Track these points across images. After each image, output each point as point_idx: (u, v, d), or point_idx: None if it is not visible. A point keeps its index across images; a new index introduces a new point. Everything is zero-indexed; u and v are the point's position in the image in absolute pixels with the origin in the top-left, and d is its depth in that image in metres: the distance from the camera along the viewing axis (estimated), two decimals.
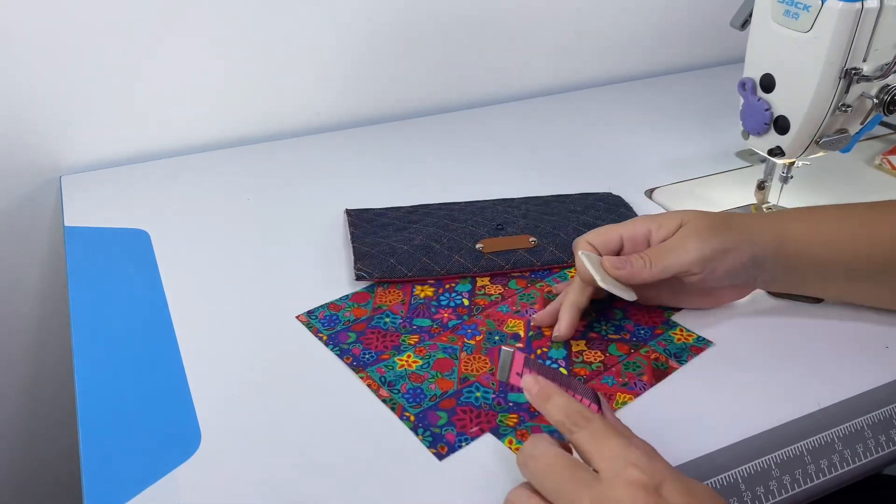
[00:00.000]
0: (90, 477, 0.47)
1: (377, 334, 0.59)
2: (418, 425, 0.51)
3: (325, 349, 0.57)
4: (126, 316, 0.61)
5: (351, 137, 0.90)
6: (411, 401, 0.53)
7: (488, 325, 0.60)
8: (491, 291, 0.63)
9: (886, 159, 0.82)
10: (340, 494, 0.46)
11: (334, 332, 0.59)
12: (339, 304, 0.62)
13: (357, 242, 0.67)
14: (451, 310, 0.61)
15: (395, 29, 0.90)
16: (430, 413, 0.52)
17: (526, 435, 0.50)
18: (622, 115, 0.97)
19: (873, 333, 0.59)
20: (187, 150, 0.87)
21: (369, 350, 0.57)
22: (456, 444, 0.50)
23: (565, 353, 0.57)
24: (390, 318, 0.61)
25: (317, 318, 0.60)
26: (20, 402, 0.96)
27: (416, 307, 0.62)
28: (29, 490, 1.02)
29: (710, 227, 0.55)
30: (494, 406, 0.52)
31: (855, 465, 0.51)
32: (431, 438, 0.50)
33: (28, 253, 0.86)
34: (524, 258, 0.65)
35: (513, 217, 0.70)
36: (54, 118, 0.80)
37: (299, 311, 0.61)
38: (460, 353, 0.57)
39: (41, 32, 0.75)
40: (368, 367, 0.56)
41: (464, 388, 0.54)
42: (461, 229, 0.68)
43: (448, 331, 0.59)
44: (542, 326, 0.59)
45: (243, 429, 0.50)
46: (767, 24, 0.63)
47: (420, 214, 0.72)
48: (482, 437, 0.50)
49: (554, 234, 0.67)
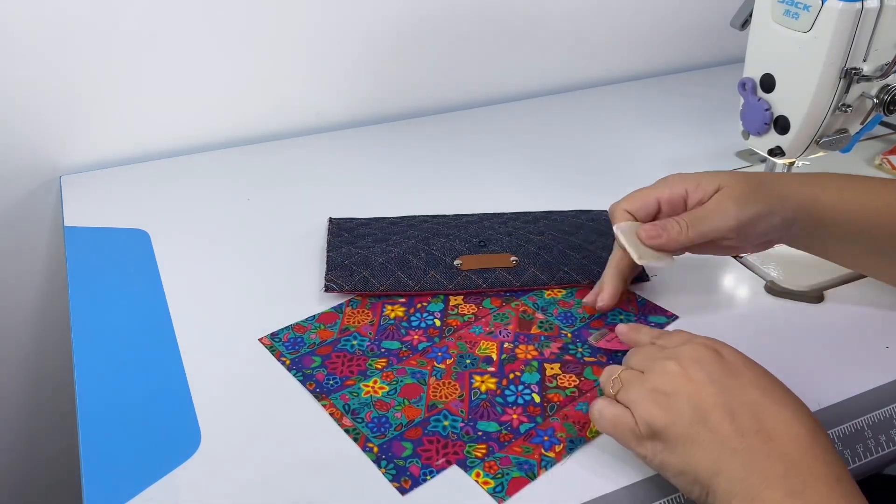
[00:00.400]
0: (90, 477, 0.47)
1: (343, 358, 0.56)
2: (381, 457, 0.48)
3: (289, 374, 0.55)
4: (126, 316, 0.61)
5: (351, 137, 0.90)
6: (375, 430, 0.50)
7: (460, 348, 0.57)
8: (464, 311, 0.61)
9: (886, 159, 0.82)
10: (341, 494, 0.46)
11: (298, 355, 0.56)
12: (305, 325, 0.59)
13: (332, 252, 0.65)
14: (422, 331, 0.59)
15: (395, 29, 0.90)
16: (394, 443, 0.49)
17: (494, 467, 0.47)
18: (622, 115, 0.97)
19: (873, 333, 0.59)
20: (187, 150, 0.87)
21: (334, 375, 0.55)
22: (420, 478, 0.47)
23: (539, 377, 0.54)
24: (358, 339, 0.58)
25: (280, 342, 0.58)
26: (20, 402, 0.96)
27: (386, 328, 0.59)
28: (29, 490, 1.02)
29: (748, 192, 0.54)
30: (463, 436, 0.50)
31: (855, 465, 0.51)
32: (395, 471, 0.47)
33: (28, 253, 0.86)
34: (503, 277, 0.63)
35: (497, 234, 0.68)
36: (54, 118, 0.80)
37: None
38: (429, 378, 0.54)
39: (41, 32, 0.75)
40: (332, 393, 0.53)
41: (431, 415, 0.51)
42: (442, 244, 0.66)
43: (418, 353, 0.57)
44: (589, 306, 0.59)
45: (243, 429, 0.50)
46: (767, 24, 0.63)
47: (403, 226, 0.70)
48: (448, 470, 0.48)
49: (537, 255, 0.65)
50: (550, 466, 0.48)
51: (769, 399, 0.42)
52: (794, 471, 0.39)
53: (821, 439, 0.41)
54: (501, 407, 0.52)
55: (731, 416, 0.41)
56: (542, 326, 0.59)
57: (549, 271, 0.64)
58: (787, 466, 0.40)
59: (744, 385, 0.43)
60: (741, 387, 0.42)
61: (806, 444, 0.40)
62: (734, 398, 0.42)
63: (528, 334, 0.59)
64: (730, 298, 0.63)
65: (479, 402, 0.53)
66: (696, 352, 0.45)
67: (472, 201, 0.76)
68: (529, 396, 0.53)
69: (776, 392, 0.42)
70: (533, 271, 0.64)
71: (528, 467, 0.48)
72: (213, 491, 0.46)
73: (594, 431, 0.50)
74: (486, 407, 0.52)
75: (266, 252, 0.69)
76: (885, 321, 0.60)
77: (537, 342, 0.58)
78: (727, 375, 0.43)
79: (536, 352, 0.57)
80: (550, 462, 0.48)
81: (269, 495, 0.46)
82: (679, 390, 0.43)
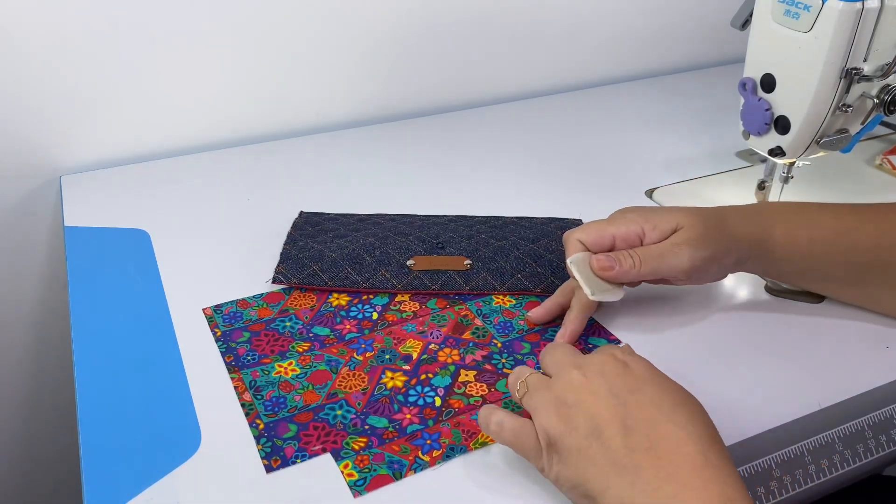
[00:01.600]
0: (90, 477, 0.47)
1: (270, 337, 0.58)
2: (263, 434, 0.49)
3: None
4: (126, 316, 0.61)
5: (351, 137, 0.90)
6: (269, 409, 0.51)
7: (385, 343, 0.57)
8: (405, 308, 0.61)
9: (887, 159, 0.82)
10: (341, 494, 0.46)
11: (231, 329, 0.58)
12: (250, 301, 0.62)
13: (289, 245, 0.66)
14: (357, 322, 0.59)
15: (395, 29, 0.90)
16: (281, 424, 0.50)
17: (365, 461, 0.48)
18: (622, 115, 0.97)
19: (873, 333, 0.59)
20: (187, 150, 0.87)
21: (254, 352, 0.56)
22: (291, 460, 0.48)
23: (450, 381, 0.54)
24: (292, 322, 0.59)
25: (221, 314, 0.60)
26: (20, 402, 0.96)
27: (323, 315, 0.60)
28: (29, 490, 1.02)
29: (704, 235, 0.55)
30: (349, 427, 0.50)
31: (855, 465, 0.51)
32: (270, 450, 0.48)
33: (28, 253, 0.86)
34: (453, 280, 0.63)
35: (457, 237, 0.67)
36: (54, 118, 0.80)
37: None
38: (342, 368, 0.55)
39: (42, 32, 0.75)
40: (244, 368, 0.55)
41: (328, 403, 0.52)
42: (399, 242, 0.66)
43: (342, 343, 0.57)
44: (537, 324, 0.59)
45: (243, 429, 0.50)
46: (768, 24, 0.63)
47: (369, 224, 0.70)
48: (321, 457, 0.48)
49: (492, 260, 0.64)
50: (420, 470, 0.48)
51: (665, 417, 0.41)
52: (682, 492, 0.38)
53: (714, 460, 0.40)
54: (399, 405, 0.52)
55: (626, 431, 0.41)
56: (476, 333, 0.59)
57: (501, 277, 0.63)
58: (675, 488, 0.39)
59: (642, 401, 0.42)
60: (639, 402, 0.42)
61: (697, 464, 0.39)
62: (630, 413, 0.41)
63: (458, 338, 0.58)
64: (730, 298, 0.63)
65: (379, 397, 0.53)
66: (603, 363, 0.44)
67: (472, 202, 0.76)
68: (431, 399, 0.53)
69: (675, 411, 0.41)
70: (485, 276, 0.63)
71: (398, 467, 0.48)
72: (213, 491, 0.46)
73: (479, 443, 0.49)
74: (384, 403, 0.52)
75: (266, 252, 0.69)
76: (885, 321, 0.59)
77: (464, 347, 0.57)
78: (628, 390, 0.42)
79: (459, 357, 0.57)
80: (423, 466, 0.48)
81: (269, 495, 0.46)
82: (579, 401, 0.42)
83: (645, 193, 0.78)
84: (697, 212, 0.57)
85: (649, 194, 0.78)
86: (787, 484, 0.50)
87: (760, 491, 0.49)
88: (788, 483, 0.50)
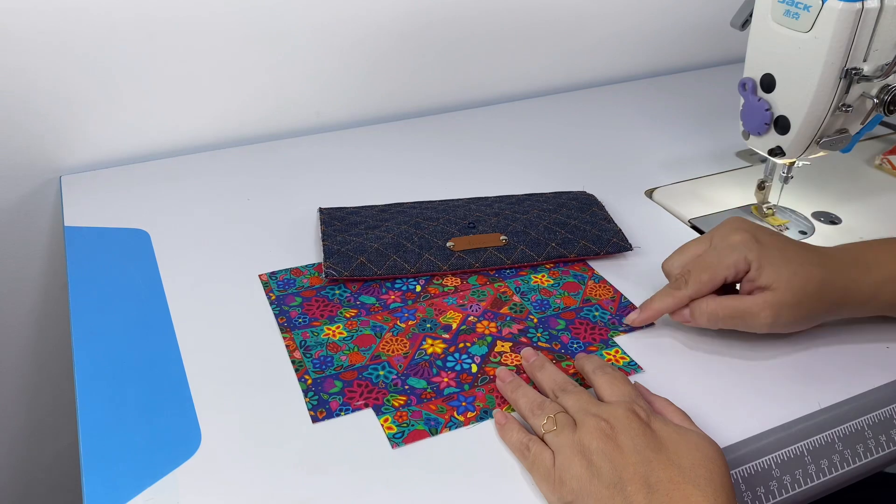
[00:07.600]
0: (90, 477, 0.47)
1: (320, 303, 0.61)
2: (311, 389, 0.53)
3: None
4: (126, 316, 0.61)
5: (351, 137, 0.90)
6: (318, 367, 0.55)
7: (426, 313, 0.60)
8: (447, 283, 0.64)
9: (887, 159, 0.82)
10: (341, 494, 0.46)
11: (284, 293, 0.62)
12: (303, 269, 0.65)
13: (327, 241, 0.67)
14: (401, 293, 0.63)
15: (395, 29, 0.90)
16: (328, 380, 0.54)
17: (404, 416, 0.51)
18: (622, 115, 0.97)
19: (873, 333, 0.59)
20: (187, 150, 0.87)
21: (305, 315, 0.60)
22: (336, 412, 0.51)
23: (486, 351, 0.57)
24: (340, 290, 0.63)
25: (276, 280, 0.64)
26: (20, 402, 0.96)
27: (370, 285, 0.63)
28: (29, 490, 1.02)
29: (792, 304, 0.54)
30: (390, 386, 0.53)
31: (855, 465, 0.51)
32: (316, 402, 0.52)
33: (28, 253, 0.86)
34: (494, 256, 0.65)
35: (484, 215, 0.70)
36: (54, 118, 0.80)
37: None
38: (386, 333, 0.58)
39: (42, 32, 0.75)
40: (296, 329, 0.58)
41: (371, 364, 0.55)
42: (432, 227, 0.68)
43: (386, 311, 0.61)
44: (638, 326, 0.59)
45: (243, 429, 0.50)
46: (767, 24, 0.63)
47: (393, 213, 0.72)
48: (363, 411, 0.51)
49: (524, 233, 0.67)
50: (455, 428, 0.50)
51: (685, 478, 0.42)
52: None
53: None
54: (438, 370, 0.55)
55: (648, 489, 0.42)
56: (514, 308, 0.61)
57: (538, 247, 0.66)
58: None
59: (664, 461, 0.43)
60: (661, 462, 0.43)
61: None
62: (653, 472, 0.43)
63: (496, 312, 0.61)
64: None
65: (420, 361, 0.56)
66: (628, 419, 0.46)
67: None
68: (468, 366, 0.55)
69: (695, 471, 0.43)
70: (522, 248, 0.66)
71: (435, 424, 0.51)
72: (213, 491, 0.46)
73: (511, 409, 0.52)
74: (424, 366, 0.55)
75: (266, 252, 0.69)
76: (884, 321, 0.59)
77: (501, 321, 0.60)
78: (651, 448, 0.44)
79: (496, 329, 0.59)
80: (457, 425, 0.51)
81: (269, 495, 0.46)
82: (605, 452, 0.44)
83: (645, 193, 0.78)
84: (802, 272, 0.54)
85: (649, 194, 0.78)
86: (787, 484, 0.50)
87: (760, 491, 0.49)
88: (788, 483, 0.50)
